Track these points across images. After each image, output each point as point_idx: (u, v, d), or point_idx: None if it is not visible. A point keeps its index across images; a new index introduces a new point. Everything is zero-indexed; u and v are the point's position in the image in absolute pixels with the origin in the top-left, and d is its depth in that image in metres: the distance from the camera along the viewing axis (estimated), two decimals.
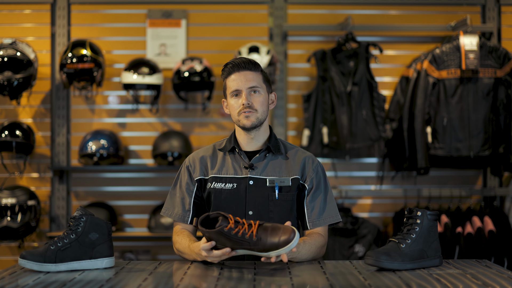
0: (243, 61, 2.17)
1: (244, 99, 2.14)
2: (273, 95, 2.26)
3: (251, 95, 2.16)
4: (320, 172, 2.23)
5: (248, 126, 2.16)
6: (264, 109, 2.17)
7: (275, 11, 4.19)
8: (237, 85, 2.16)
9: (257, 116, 2.16)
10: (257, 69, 2.19)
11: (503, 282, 1.73)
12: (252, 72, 2.17)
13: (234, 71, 2.17)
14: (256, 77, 2.17)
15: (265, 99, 2.19)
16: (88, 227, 1.93)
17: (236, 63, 2.17)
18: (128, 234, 4.09)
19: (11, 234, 3.81)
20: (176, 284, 1.74)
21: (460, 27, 4.00)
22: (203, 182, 2.22)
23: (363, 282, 1.74)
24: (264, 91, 2.19)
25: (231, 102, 2.19)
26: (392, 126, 4.07)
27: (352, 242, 3.95)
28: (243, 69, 2.16)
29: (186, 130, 4.20)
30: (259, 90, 2.17)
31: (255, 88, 2.16)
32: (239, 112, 2.16)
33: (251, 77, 2.16)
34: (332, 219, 2.20)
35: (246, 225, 1.86)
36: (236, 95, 2.17)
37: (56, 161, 4.14)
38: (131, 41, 4.24)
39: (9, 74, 3.80)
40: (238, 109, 2.16)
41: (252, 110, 2.15)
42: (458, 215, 3.96)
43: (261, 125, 2.19)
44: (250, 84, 2.15)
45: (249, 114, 2.15)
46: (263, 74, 2.21)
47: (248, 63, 2.17)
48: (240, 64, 2.17)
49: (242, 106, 2.14)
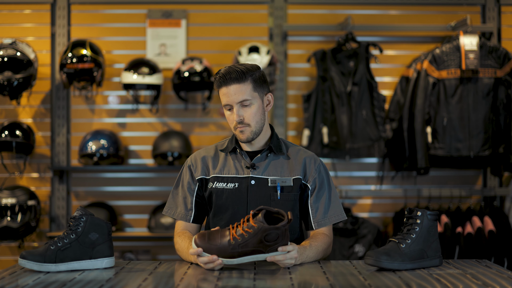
0: (230, 73, 2.10)
1: (235, 116, 2.13)
2: (270, 95, 2.22)
3: (243, 109, 2.13)
4: (322, 172, 2.23)
5: (244, 140, 2.17)
6: (257, 119, 2.15)
7: (275, 11, 4.19)
8: (227, 100, 2.13)
9: (251, 130, 2.15)
10: (245, 80, 2.12)
11: (503, 282, 1.73)
12: (239, 84, 2.11)
13: (222, 85, 2.12)
14: (245, 89, 2.12)
15: (258, 109, 2.15)
16: (88, 227, 1.93)
17: (222, 76, 2.11)
18: (128, 234, 4.09)
19: (11, 234, 3.81)
20: (176, 284, 1.74)
21: (460, 27, 4.00)
22: (204, 181, 2.23)
23: (363, 282, 1.74)
24: (256, 100, 2.15)
25: (226, 113, 2.18)
26: (392, 126, 4.07)
27: (352, 242, 3.95)
28: (231, 83, 2.11)
29: (186, 130, 4.20)
30: (250, 102, 2.13)
31: (245, 102, 2.12)
32: (234, 127, 2.16)
33: (239, 90, 2.11)
34: (337, 218, 2.20)
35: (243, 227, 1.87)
36: (229, 109, 2.16)
37: (56, 161, 4.14)
38: (131, 41, 4.24)
39: (9, 74, 3.80)
40: (232, 123, 2.16)
41: (245, 125, 2.14)
42: (458, 215, 3.95)
43: (257, 135, 2.18)
44: (239, 99, 2.11)
45: (243, 129, 2.14)
46: (253, 82, 2.14)
47: (236, 75, 2.10)
48: (227, 79, 2.10)
49: (235, 122, 2.14)
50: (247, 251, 1.86)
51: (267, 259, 1.88)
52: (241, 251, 1.86)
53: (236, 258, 1.86)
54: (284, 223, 1.86)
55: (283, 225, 1.86)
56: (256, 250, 1.86)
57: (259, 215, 1.87)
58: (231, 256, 1.86)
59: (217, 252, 1.86)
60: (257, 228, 1.85)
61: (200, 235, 1.90)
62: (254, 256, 1.87)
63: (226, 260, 1.87)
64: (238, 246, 1.85)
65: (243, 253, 1.86)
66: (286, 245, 1.89)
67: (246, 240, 1.85)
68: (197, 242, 1.88)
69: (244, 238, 1.85)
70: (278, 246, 1.87)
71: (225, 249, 1.85)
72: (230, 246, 1.85)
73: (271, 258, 1.88)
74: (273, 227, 1.85)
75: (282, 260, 1.89)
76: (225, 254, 1.86)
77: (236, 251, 1.85)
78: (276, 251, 1.88)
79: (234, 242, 1.85)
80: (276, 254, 1.88)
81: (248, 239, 1.85)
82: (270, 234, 1.85)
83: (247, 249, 1.86)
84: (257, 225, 1.85)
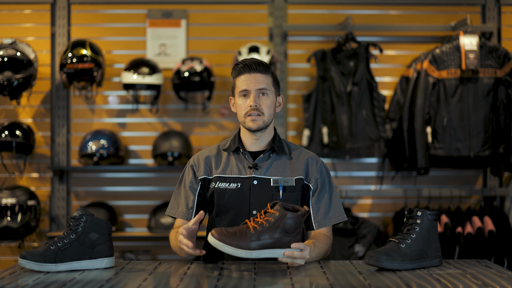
0: (254, 62, 2.18)
1: (252, 101, 2.15)
2: (281, 98, 2.27)
3: (260, 97, 2.17)
4: (324, 172, 2.24)
5: (254, 128, 2.18)
6: (271, 112, 2.19)
7: (275, 11, 4.19)
8: (246, 85, 2.16)
9: (264, 119, 2.18)
10: (267, 72, 2.19)
11: (503, 282, 1.73)
12: (262, 74, 2.17)
13: (245, 71, 2.18)
14: (266, 80, 2.18)
15: (272, 102, 2.20)
16: (88, 227, 1.93)
17: (247, 64, 2.18)
18: (128, 234, 4.09)
19: (11, 234, 3.81)
20: (176, 284, 1.74)
21: (460, 27, 4.00)
22: (207, 181, 2.24)
23: (363, 282, 1.74)
24: (272, 94, 2.20)
25: (238, 102, 2.20)
26: (392, 126, 4.07)
27: (352, 242, 3.96)
28: (254, 71, 2.17)
29: (186, 130, 4.20)
30: (268, 93, 2.18)
31: (264, 91, 2.17)
32: (245, 114, 2.17)
33: (261, 79, 2.17)
34: (338, 218, 2.21)
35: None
36: (244, 96, 2.18)
37: (56, 161, 4.14)
38: (131, 41, 4.24)
39: (9, 74, 3.80)
40: (245, 110, 2.17)
41: (259, 113, 2.16)
42: (458, 215, 3.96)
43: (266, 127, 2.20)
44: (259, 86, 2.16)
45: (256, 118, 2.16)
46: (273, 77, 2.21)
47: (260, 65, 2.18)
48: (251, 65, 2.17)
49: (250, 107, 2.15)
50: (265, 244, 1.84)
51: (285, 253, 1.87)
52: (261, 243, 1.84)
53: (255, 250, 1.84)
54: (303, 211, 1.89)
55: (303, 214, 1.89)
56: (274, 243, 1.85)
57: (277, 205, 1.89)
58: (250, 248, 1.83)
59: (237, 244, 1.83)
60: (278, 215, 1.86)
61: (218, 229, 1.88)
62: (272, 250, 1.86)
63: (245, 252, 1.83)
64: (258, 236, 1.84)
65: (262, 245, 1.84)
66: (299, 241, 1.90)
67: (266, 228, 1.85)
68: (215, 235, 1.85)
69: (264, 227, 1.85)
70: (294, 242, 1.88)
71: (245, 240, 1.84)
72: (250, 236, 1.84)
73: (289, 253, 1.87)
74: (293, 214, 1.87)
75: (297, 257, 1.89)
76: (245, 246, 1.83)
77: (255, 242, 1.84)
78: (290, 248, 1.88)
79: (254, 232, 1.84)
80: (293, 249, 1.87)
81: (268, 227, 1.85)
82: (290, 223, 1.86)
83: (266, 241, 1.84)
84: (278, 212, 1.86)
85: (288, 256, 1.87)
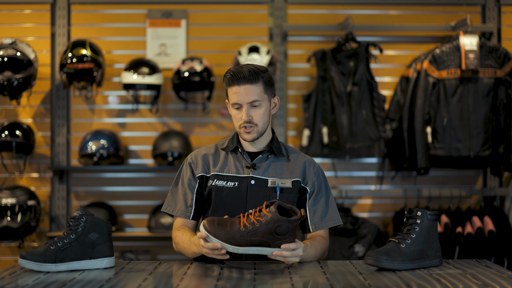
0: (243, 72, 2.12)
1: (244, 115, 2.14)
2: (276, 98, 2.25)
3: (252, 109, 2.15)
4: (321, 176, 2.25)
5: (249, 140, 2.18)
6: (264, 120, 2.18)
7: (275, 11, 4.19)
8: (237, 99, 2.14)
9: (258, 130, 2.17)
10: (257, 80, 2.14)
11: (503, 282, 1.73)
12: (252, 85, 2.13)
13: (234, 83, 2.14)
14: (257, 90, 2.14)
15: (266, 110, 2.18)
16: (88, 227, 1.93)
17: (236, 74, 2.12)
18: (128, 234, 4.09)
19: (11, 234, 3.81)
20: (176, 284, 1.74)
21: (460, 27, 4.00)
22: (205, 179, 2.24)
23: (363, 282, 1.74)
24: (265, 102, 2.17)
25: (232, 112, 2.19)
26: (392, 126, 4.07)
27: (352, 242, 3.95)
28: (244, 82, 2.13)
29: (186, 130, 4.20)
30: (260, 103, 2.15)
31: (255, 102, 2.14)
32: (239, 126, 2.17)
33: (251, 91, 2.13)
34: (334, 222, 2.22)
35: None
36: (237, 108, 2.17)
37: (56, 161, 4.14)
38: (131, 41, 4.24)
39: (9, 74, 3.80)
40: (239, 122, 2.17)
41: (253, 125, 2.15)
42: (458, 215, 3.95)
43: (262, 135, 2.20)
44: (250, 99, 2.13)
45: (250, 130, 2.16)
46: (264, 83, 2.16)
47: (249, 75, 2.12)
48: (240, 77, 2.12)
49: (243, 121, 2.15)
50: (254, 241, 1.85)
51: (273, 253, 1.88)
52: (249, 240, 1.84)
53: (243, 246, 1.85)
54: (297, 217, 1.88)
55: (296, 219, 1.87)
56: (263, 242, 1.85)
57: (272, 206, 1.87)
58: (238, 244, 1.85)
59: (224, 238, 1.84)
60: (270, 218, 1.85)
61: (209, 219, 1.88)
62: (260, 248, 1.86)
63: (232, 247, 1.85)
64: (247, 234, 1.84)
65: (250, 242, 1.85)
66: (292, 242, 1.89)
67: (257, 228, 1.85)
68: (205, 226, 1.86)
69: (254, 226, 1.85)
70: (285, 242, 1.87)
71: (233, 235, 1.84)
72: (239, 233, 1.84)
73: (278, 253, 1.87)
74: (285, 219, 1.86)
75: (288, 256, 1.89)
76: (232, 241, 1.84)
77: (244, 239, 1.84)
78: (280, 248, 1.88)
79: (244, 230, 1.84)
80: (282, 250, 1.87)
81: (259, 228, 1.85)
82: (281, 226, 1.85)
83: (255, 239, 1.85)
84: (270, 214, 1.86)
85: (277, 256, 1.88)
